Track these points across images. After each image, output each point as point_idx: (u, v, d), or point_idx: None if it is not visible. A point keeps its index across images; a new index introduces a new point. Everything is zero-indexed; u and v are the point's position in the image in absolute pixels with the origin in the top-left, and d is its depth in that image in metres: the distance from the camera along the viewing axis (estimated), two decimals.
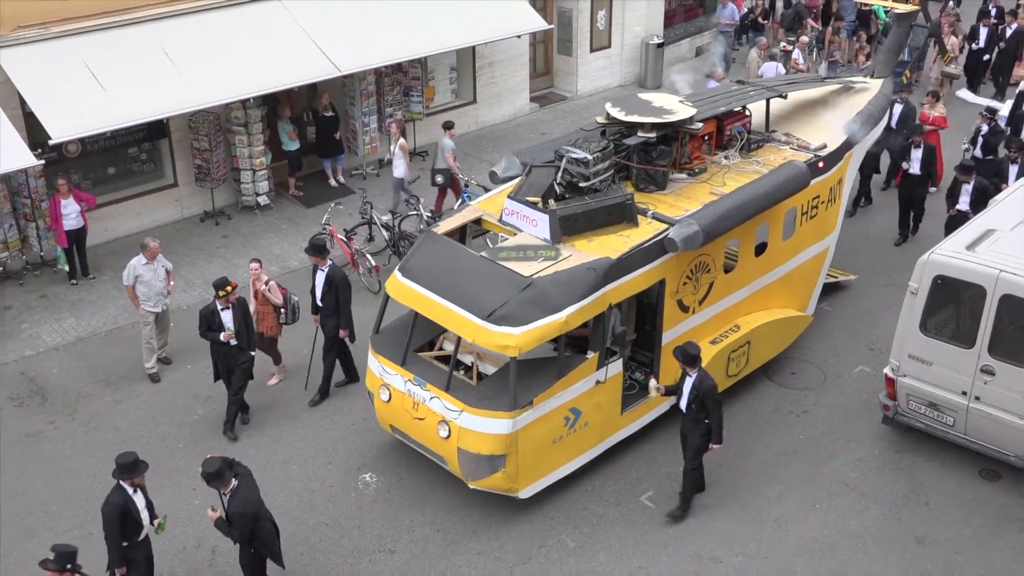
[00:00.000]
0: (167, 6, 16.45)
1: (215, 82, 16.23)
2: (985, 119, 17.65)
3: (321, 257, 13.05)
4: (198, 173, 17.88)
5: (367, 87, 19.05)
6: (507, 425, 10.63)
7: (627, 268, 11.31)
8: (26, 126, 15.26)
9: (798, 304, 14.11)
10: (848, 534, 11.49)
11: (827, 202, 13.95)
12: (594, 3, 22.79)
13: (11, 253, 16.16)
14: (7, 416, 13.49)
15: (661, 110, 12.66)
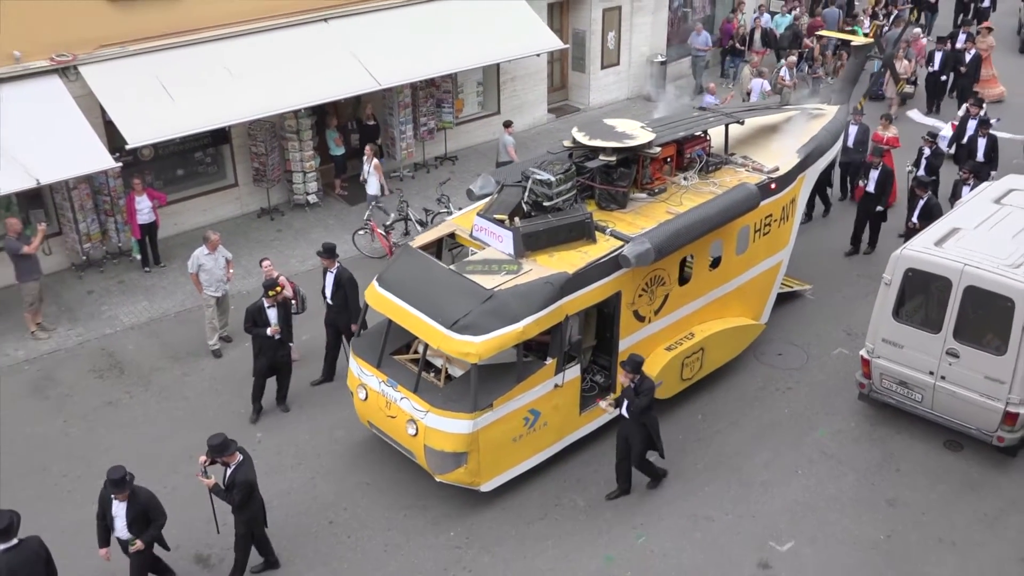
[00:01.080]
0: (228, 27, 16.48)
1: (270, 94, 16.28)
2: (927, 142, 17.12)
3: (331, 259, 12.91)
4: (255, 174, 17.95)
5: (404, 99, 19.06)
6: (468, 425, 10.36)
7: (583, 282, 10.92)
8: (106, 133, 15.31)
9: (752, 313, 13.64)
10: (827, 496, 11.51)
11: (780, 220, 13.48)
12: (605, 25, 22.72)
13: (93, 244, 16.29)
14: (90, 386, 13.66)
15: (622, 135, 12.23)
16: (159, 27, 15.87)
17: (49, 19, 14.79)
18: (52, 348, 14.44)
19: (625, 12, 22.98)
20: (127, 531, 9.47)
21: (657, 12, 23.68)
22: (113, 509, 9.42)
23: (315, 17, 17.43)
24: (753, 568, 10.54)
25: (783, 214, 13.49)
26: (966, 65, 22.08)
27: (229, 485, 9.68)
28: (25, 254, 14.17)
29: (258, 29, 16.81)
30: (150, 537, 9.55)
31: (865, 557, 10.68)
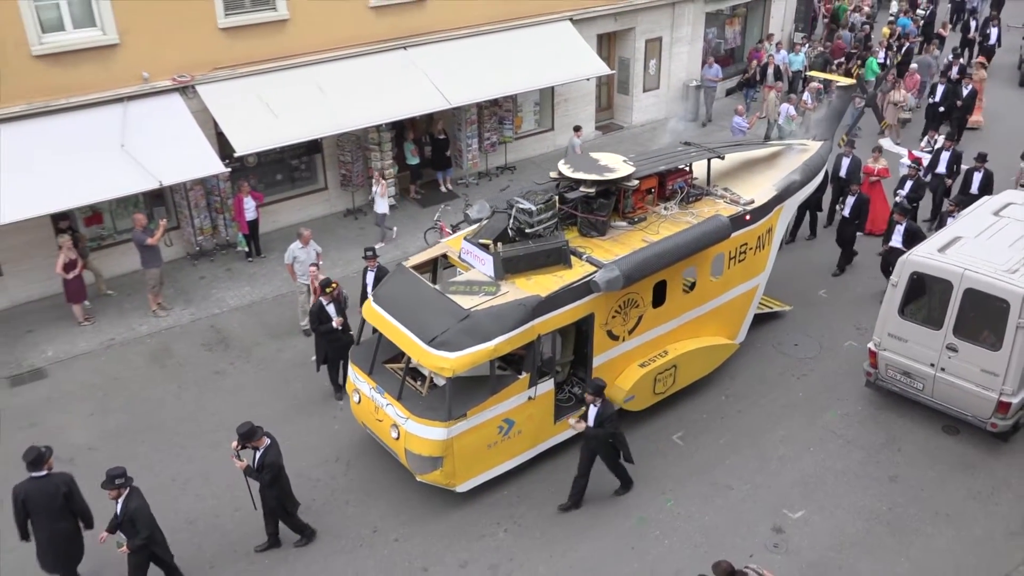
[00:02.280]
0: (322, 53, 16.62)
1: (356, 111, 16.38)
2: (911, 172, 16.20)
3: (372, 259, 12.88)
4: (342, 180, 18.11)
5: (471, 116, 19.11)
6: (443, 433, 9.97)
7: (555, 304, 10.36)
8: (218, 143, 15.54)
9: (728, 333, 12.87)
10: (835, 471, 11.34)
11: (755, 248, 12.66)
12: (647, 54, 22.52)
13: (205, 237, 16.58)
14: (200, 357, 13.90)
15: (604, 168, 11.55)
16: (264, 53, 16.08)
17: (172, 46, 15.06)
18: (169, 324, 14.72)
19: (665, 42, 22.76)
20: (118, 530, 9.07)
21: (693, 42, 23.42)
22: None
23: (396, 45, 17.52)
24: (768, 532, 10.44)
25: (758, 243, 12.69)
26: (963, 99, 21.17)
27: (259, 467, 9.56)
28: (149, 245, 14.43)
29: (347, 55, 16.93)
30: (134, 545, 8.98)
31: (869, 526, 10.52)
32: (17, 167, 13.44)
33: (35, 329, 14.48)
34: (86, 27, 14.41)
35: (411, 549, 10.24)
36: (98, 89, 14.55)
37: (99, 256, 15.59)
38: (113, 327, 14.57)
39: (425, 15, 17.81)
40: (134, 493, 9.02)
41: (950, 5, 31.55)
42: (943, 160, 17.11)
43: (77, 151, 13.95)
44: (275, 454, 9.62)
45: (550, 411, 11.00)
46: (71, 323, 14.56)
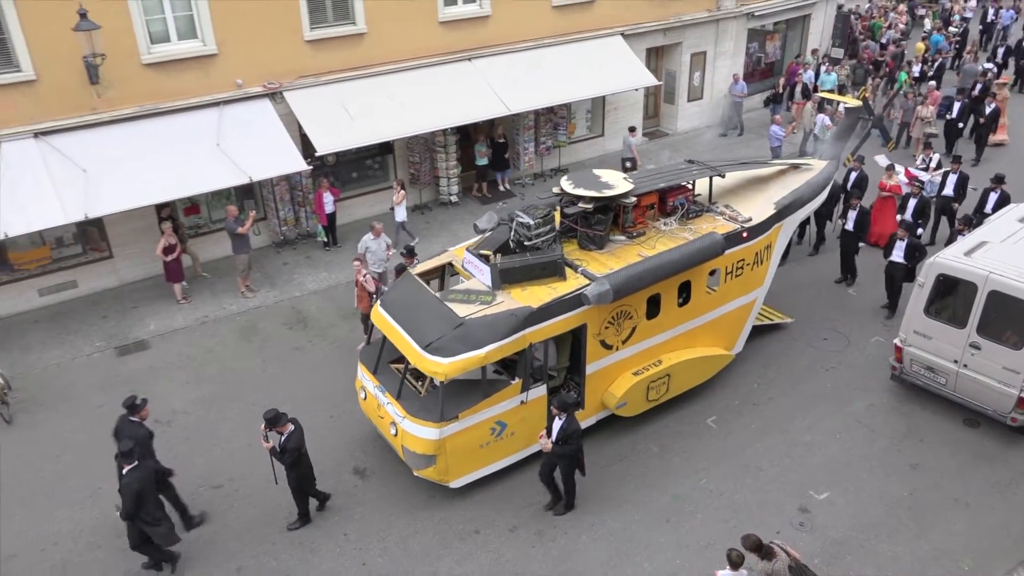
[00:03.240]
0: (395, 64, 16.65)
1: (425, 116, 16.40)
2: (915, 190, 15.41)
3: (410, 258, 12.74)
4: (411, 178, 18.16)
5: (528, 122, 19.01)
6: (435, 433, 9.72)
7: (547, 315, 9.93)
8: (301, 143, 15.68)
9: (724, 344, 12.23)
10: (859, 457, 11.05)
11: (753, 264, 11.99)
12: (692, 66, 22.14)
13: (288, 227, 16.80)
14: (282, 335, 14.08)
15: (604, 185, 11.05)
16: (343, 63, 16.18)
17: (264, 56, 15.26)
18: (256, 305, 14.94)
19: (709, 56, 22.34)
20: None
21: (735, 56, 22.93)
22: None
23: (461, 57, 17.50)
24: (794, 511, 10.22)
25: (756, 259, 12.03)
26: (985, 116, 20.02)
27: (282, 450, 9.48)
28: (239, 233, 14.66)
29: (418, 65, 16.95)
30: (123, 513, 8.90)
31: (890, 509, 10.23)
32: (126, 163, 13.79)
33: (140, 305, 14.86)
34: (189, 39, 14.68)
35: (464, 513, 10.27)
36: (198, 94, 14.82)
37: (196, 242, 15.92)
38: (207, 305, 14.88)
39: (489, 29, 17.75)
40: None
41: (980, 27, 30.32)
42: (950, 182, 16.15)
43: (178, 149, 14.23)
44: (297, 439, 9.50)
45: (543, 415, 10.48)
46: (171, 301, 14.90)
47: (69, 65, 13.51)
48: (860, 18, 28.65)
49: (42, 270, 14.82)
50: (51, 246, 14.82)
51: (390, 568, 9.58)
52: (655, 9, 20.38)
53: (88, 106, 13.93)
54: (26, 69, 13.32)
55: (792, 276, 15.13)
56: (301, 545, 9.87)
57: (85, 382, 12.83)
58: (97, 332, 14.11)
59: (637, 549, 9.77)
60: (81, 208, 13.14)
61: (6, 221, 12.67)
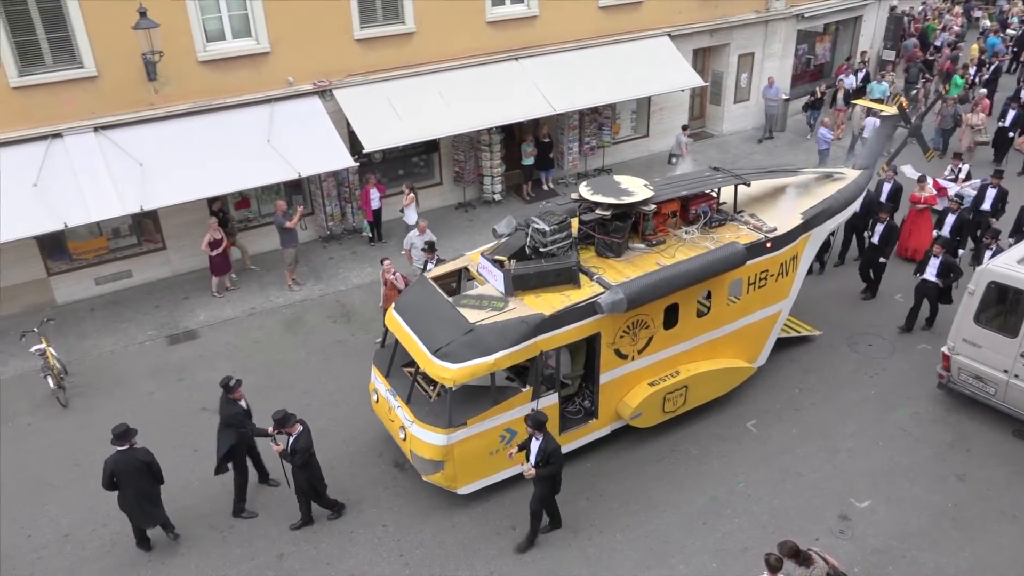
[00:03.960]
0: (443, 63, 16.75)
1: (470, 115, 16.46)
2: (953, 206, 14.69)
3: (432, 253, 12.79)
4: (455, 176, 18.26)
5: (573, 122, 18.95)
6: (443, 439, 9.55)
7: (559, 323, 9.71)
8: (349, 140, 15.85)
9: (747, 356, 11.83)
10: (903, 466, 10.78)
11: (778, 275, 11.56)
12: (739, 67, 21.84)
13: (335, 222, 16.98)
14: (327, 327, 14.21)
15: (623, 192, 10.72)
16: (391, 62, 16.31)
17: (314, 54, 15.46)
18: (302, 298, 15.12)
19: (757, 57, 22.01)
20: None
21: (784, 57, 22.56)
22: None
23: (508, 56, 17.51)
24: (834, 518, 10.02)
25: (781, 270, 11.59)
26: None
27: (292, 451, 9.47)
28: (287, 227, 14.86)
29: (465, 64, 17.01)
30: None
31: (933, 520, 9.96)
32: (181, 158, 14.09)
33: (190, 296, 15.18)
34: (243, 37, 14.94)
35: (501, 509, 10.28)
36: (250, 91, 15.07)
37: (245, 236, 16.20)
38: (254, 297, 15.13)
39: (536, 30, 17.74)
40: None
41: None
42: (989, 197, 15.27)
43: (230, 145, 14.50)
44: (306, 440, 9.46)
45: (555, 423, 10.27)
46: (219, 293, 15.20)
47: (128, 62, 13.86)
48: (914, 20, 27.96)
49: (99, 260, 15.23)
50: (108, 237, 15.23)
51: (427, 560, 9.63)
52: (703, 10, 20.16)
53: (145, 102, 14.27)
54: (88, 66, 13.70)
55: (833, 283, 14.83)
56: (340, 534, 9.99)
57: (137, 369, 13.15)
58: (150, 321, 14.45)
59: (672, 551, 9.67)
60: (137, 200, 13.48)
61: (67, 211, 13.06)
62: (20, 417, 12.07)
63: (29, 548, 9.93)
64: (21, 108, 13.39)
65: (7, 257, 14.14)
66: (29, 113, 13.47)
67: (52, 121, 13.64)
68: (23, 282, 14.57)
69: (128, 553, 9.82)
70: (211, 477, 10.26)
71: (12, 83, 13.23)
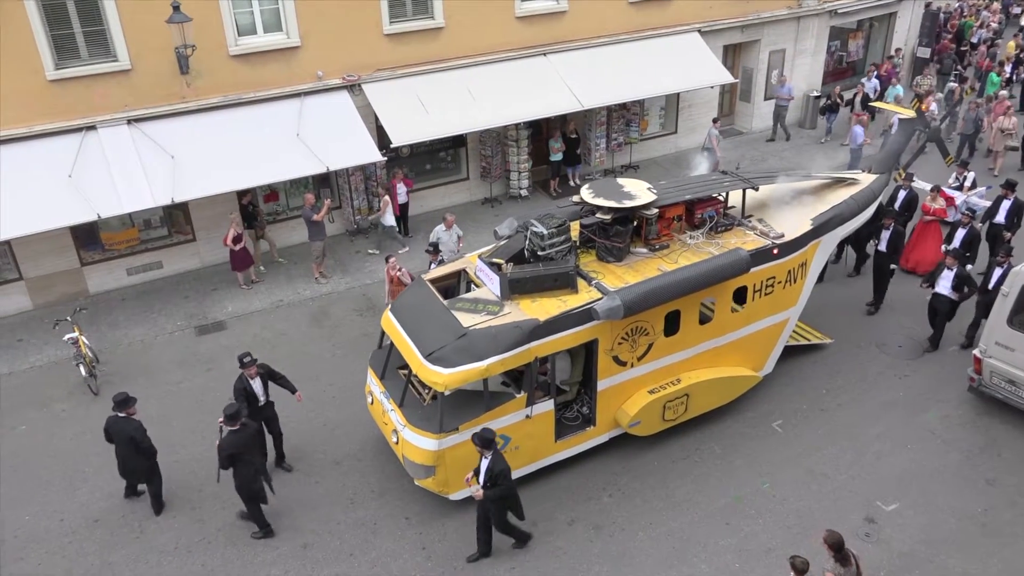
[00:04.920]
0: (471, 58, 16.76)
1: (498, 110, 16.44)
2: (965, 219, 13.93)
3: (435, 254, 12.75)
4: (482, 171, 18.26)
5: (600, 118, 18.88)
6: (434, 444, 9.40)
7: (554, 329, 9.50)
8: (377, 135, 15.93)
9: (753, 364, 11.56)
10: (931, 470, 10.64)
11: (785, 282, 11.24)
12: (770, 64, 21.60)
13: (361, 216, 17.10)
14: (353, 320, 14.30)
15: (625, 195, 10.51)
16: (420, 57, 16.34)
17: (344, 49, 15.54)
18: (328, 291, 15.24)
19: (788, 54, 21.74)
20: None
21: (816, 54, 22.27)
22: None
23: (536, 52, 17.47)
24: (860, 521, 9.91)
25: (789, 277, 11.27)
26: None
27: (219, 447, 9.35)
28: (315, 221, 14.99)
29: (493, 60, 17.01)
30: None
31: (962, 525, 9.82)
32: (211, 150, 14.25)
33: (219, 288, 15.36)
34: (274, 31, 15.06)
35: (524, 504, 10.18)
36: (280, 85, 15.19)
37: (273, 229, 16.35)
38: (282, 290, 15.27)
39: (565, 25, 17.68)
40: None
41: None
42: (1003, 210, 14.50)
43: (260, 138, 14.62)
44: (229, 442, 9.25)
45: (550, 430, 10.20)
46: (247, 285, 15.36)
47: (161, 55, 14.03)
48: (950, 17, 27.46)
49: (131, 250, 15.46)
50: (139, 228, 15.45)
51: (449, 554, 9.67)
52: (734, 6, 19.96)
53: (177, 95, 14.45)
54: (122, 59, 13.89)
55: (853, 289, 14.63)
56: (363, 526, 10.07)
57: (166, 358, 13.34)
58: (179, 311, 14.65)
59: (695, 550, 9.63)
60: (168, 192, 13.66)
61: (100, 203, 13.27)
62: (54, 404, 12.30)
63: (61, 532, 10.14)
64: (57, 101, 13.62)
65: (42, 247, 14.41)
66: (65, 106, 13.70)
67: (87, 114, 13.87)
68: (57, 271, 14.84)
69: (157, 540, 9.98)
70: None
71: (49, 76, 13.46)
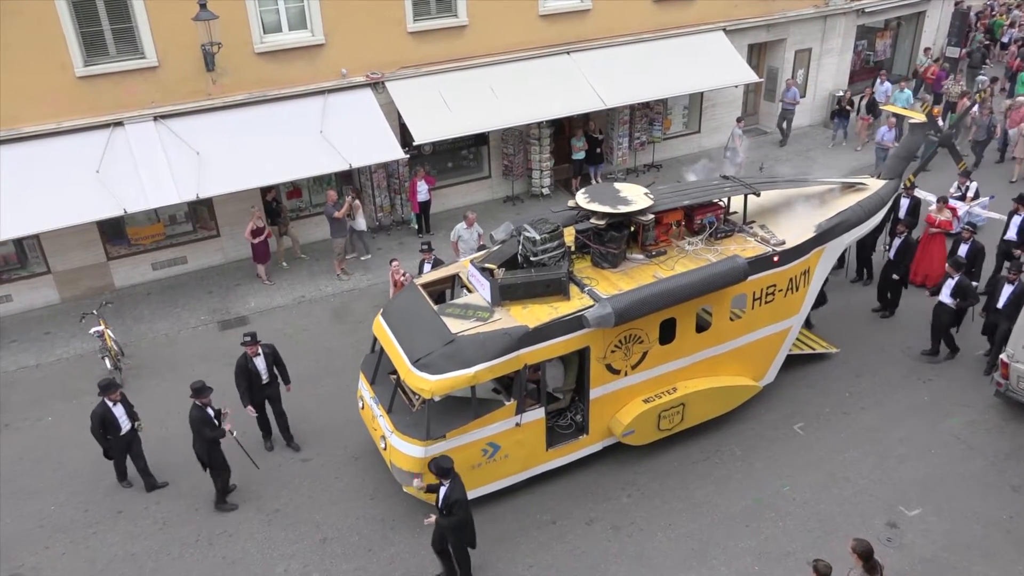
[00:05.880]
0: (494, 56, 16.78)
1: (521, 108, 16.44)
2: (967, 233, 13.44)
3: (428, 253, 12.71)
4: (504, 169, 18.29)
5: (623, 117, 18.84)
6: (420, 451, 9.24)
7: (543, 336, 9.34)
8: (400, 132, 15.97)
9: (753, 373, 11.29)
10: (955, 475, 10.50)
11: (786, 290, 10.97)
12: (796, 64, 21.42)
13: (384, 214, 17.20)
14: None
15: (621, 200, 10.31)
16: (443, 55, 16.39)
17: (368, 46, 15.61)
18: (350, 287, 15.33)
19: (814, 53, 21.54)
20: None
21: (842, 53, 22.05)
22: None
23: (560, 50, 17.46)
24: (882, 526, 9.81)
25: (790, 285, 11.00)
26: None
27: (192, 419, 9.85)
28: (336, 217, 15.12)
29: (517, 58, 17.01)
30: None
31: (986, 532, 9.68)
32: (236, 147, 14.38)
33: (242, 283, 15.51)
34: (299, 29, 15.17)
35: (543, 502, 10.30)
36: (304, 83, 15.30)
37: (296, 225, 16.47)
38: (304, 286, 15.38)
39: (589, 23, 17.65)
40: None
41: None
42: (1014, 225, 14.00)
43: (284, 135, 14.74)
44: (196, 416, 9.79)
45: (541, 438, 10.03)
46: (269, 280, 15.48)
47: (188, 53, 14.19)
48: (980, 16, 27.07)
49: (156, 245, 15.66)
50: (165, 223, 15.64)
51: None
52: (759, 4, 19.81)
53: (203, 92, 14.60)
54: (150, 56, 14.06)
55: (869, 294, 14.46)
56: (382, 522, 10.13)
57: (190, 352, 13.49)
58: (203, 306, 14.81)
59: (715, 552, 9.59)
60: (193, 188, 13.80)
61: (127, 198, 13.44)
62: (83, 396, 12.47)
63: (85, 522, 10.29)
64: (86, 97, 13.81)
65: (70, 241, 14.62)
66: (93, 102, 13.89)
67: (114, 110, 14.05)
68: (84, 265, 15.06)
69: (179, 532, 10.10)
70: (258, 460, 10.52)
71: (78, 72, 13.65)
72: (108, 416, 10.13)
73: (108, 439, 10.30)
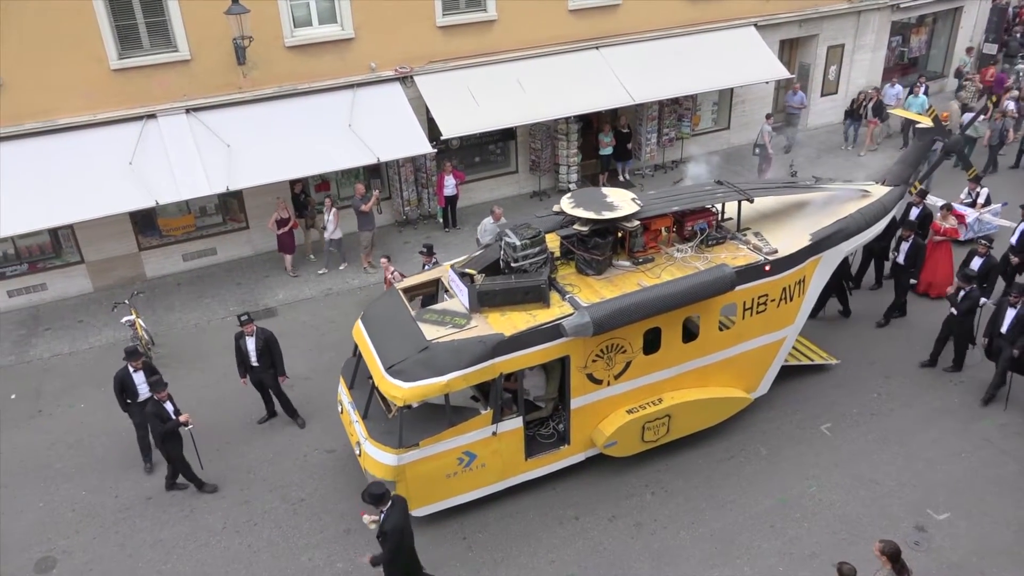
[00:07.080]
0: (523, 51, 16.76)
1: (549, 104, 16.42)
2: (982, 248, 12.83)
3: (429, 257, 12.64)
4: (531, 164, 18.26)
5: (652, 113, 18.72)
6: (393, 459, 9.09)
7: (520, 345, 9.09)
8: (428, 127, 16.03)
9: (745, 385, 10.95)
10: (986, 479, 10.32)
11: (779, 300, 10.59)
12: (828, 59, 21.14)
13: (411, 208, 17.26)
14: None
15: (606, 206, 10.00)
16: (472, 49, 16.41)
17: (397, 40, 15.67)
18: (377, 280, 15.37)
19: (847, 49, 21.25)
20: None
21: (876, 50, 21.72)
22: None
23: (588, 45, 17.40)
24: (909, 529, 9.67)
25: (784, 294, 10.61)
26: None
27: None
28: (363, 211, 15.22)
29: (545, 53, 16.97)
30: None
31: (1017, 537, 9.50)
32: (265, 140, 14.52)
33: (271, 275, 15.66)
34: (329, 23, 15.26)
35: (567, 498, 10.29)
36: (333, 76, 15.39)
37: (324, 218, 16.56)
38: (331, 279, 15.49)
39: (618, 18, 17.56)
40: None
41: None
42: (1018, 231, 13.67)
43: (313, 129, 14.85)
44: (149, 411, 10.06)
45: (519, 448, 9.82)
46: (298, 271, 15.59)
47: (219, 46, 14.33)
48: (1019, 10, 26.50)
49: (186, 237, 15.86)
50: (195, 215, 15.83)
51: (489, 545, 9.72)
52: (792, 0, 19.56)
53: (234, 85, 14.74)
54: (182, 49, 14.23)
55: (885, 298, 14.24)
56: None
57: (219, 343, 13.64)
58: (231, 297, 14.97)
59: (738, 551, 9.52)
60: (224, 180, 13.96)
61: (158, 190, 13.63)
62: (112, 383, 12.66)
63: (116, 508, 10.47)
64: (120, 89, 14.02)
65: (103, 232, 14.86)
66: (127, 94, 14.09)
67: (147, 102, 14.24)
68: (117, 256, 15.30)
69: (205, 520, 10.24)
70: (285, 450, 10.66)
71: (112, 65, 13.85)
72: (127, 381, 10.55)
73: (128, 403, 10.68)
